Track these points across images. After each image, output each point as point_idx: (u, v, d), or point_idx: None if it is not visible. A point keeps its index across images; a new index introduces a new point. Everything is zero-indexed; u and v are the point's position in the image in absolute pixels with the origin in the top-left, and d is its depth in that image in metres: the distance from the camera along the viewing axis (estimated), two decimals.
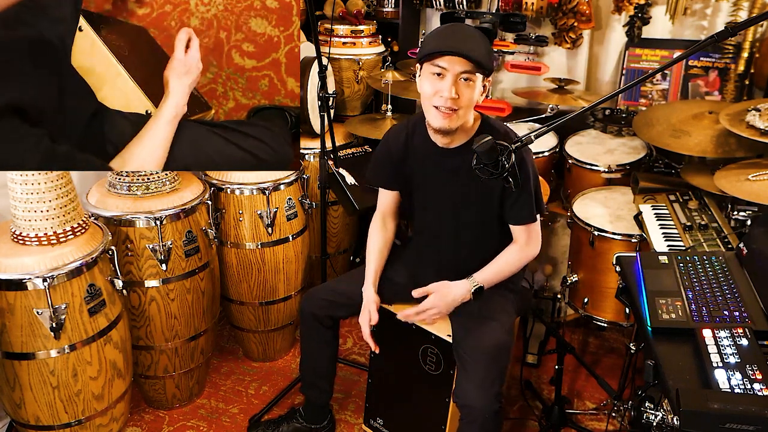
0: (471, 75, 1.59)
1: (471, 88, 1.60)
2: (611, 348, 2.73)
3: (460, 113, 1.63)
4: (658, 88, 2.73)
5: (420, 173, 1.84)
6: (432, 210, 1.87)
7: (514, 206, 1.75)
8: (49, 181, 1.72)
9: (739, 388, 1.13)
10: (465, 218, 1.82)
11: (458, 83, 1.59)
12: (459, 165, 1.74)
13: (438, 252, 1.91)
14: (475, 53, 1.57)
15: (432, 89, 1.62)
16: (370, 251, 1.96)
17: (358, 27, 2.92)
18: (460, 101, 1.60)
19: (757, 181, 1.89)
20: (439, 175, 1.79)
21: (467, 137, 1.74)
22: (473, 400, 1.64)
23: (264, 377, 2.55)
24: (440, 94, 1.60)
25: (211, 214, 2.28)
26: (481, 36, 1.64)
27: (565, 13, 2.75)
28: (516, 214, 1.77)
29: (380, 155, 1.93)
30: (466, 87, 1.60)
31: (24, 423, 1.84)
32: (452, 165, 1.76)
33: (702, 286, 1.46)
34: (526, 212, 1.76)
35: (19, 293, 1.69)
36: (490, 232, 1.83)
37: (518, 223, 1.78)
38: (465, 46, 1.57)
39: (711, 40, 1.35)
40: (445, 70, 1.58)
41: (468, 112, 1.66)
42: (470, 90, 1.61)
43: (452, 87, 1.58)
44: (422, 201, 1.89)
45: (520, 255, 1.82)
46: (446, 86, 1.59)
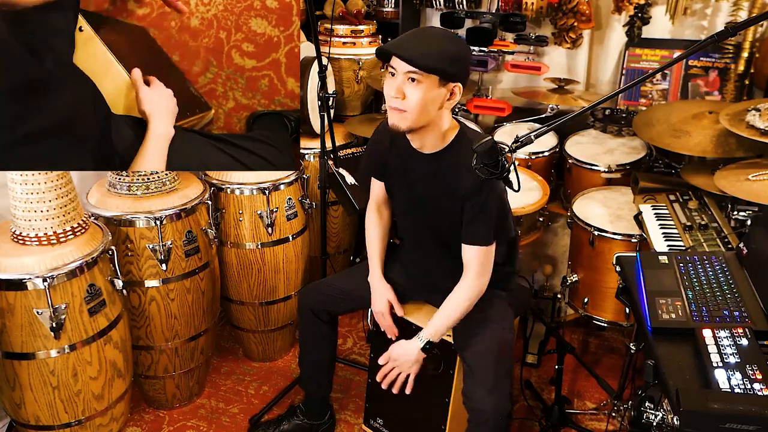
0: (418, 76, 1.55)
1: (419, 89, 1.56)
2: (611, 348, 2.73)
3: (408, 115, 1.59)
4: (658, 88, 2.73)
5: (399, 171, 1.83)
6: (410, 212, 1.87)
7: (470, 223, 1.69)
8: (49, 181, 1.72)
9: (739, 388, 1.13)
10: (439, 224, 1.80)
11: (406, 83, 1.58)
12: (435, 170, 1.73)
13: (423, 257, 1.92)
14: (422, 57, 1.53)
15: (386, 89, 1.62)
16: (371, 240, 1.96)
17: (358, 27, 2.92)
18: (406, 102, 1.58)
19: (757, 181, 1.89)
20: (414, 178, 1.78)
21: (441, 144, 1.71)
22: (485, 403, 1.64)
23: (264, 377, 2.55)
24: (389, 92, 1.60)
25: (211, 214, 2.28)
26: (448, 40, 1.60)
27: (565, 13, 2.75)
28: (470, 232, 1.70)
29: (371, 146, 1.95)
30: (413, 87, 1.57)
31: (24, 423, 1.84)
32: (426, 170, 1.74)
33: (702, 286, 1.46)
34: (481, 232, 1.69)
35: (19, 293, 1.69)
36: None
37: (472, 242, 1.70)
38: (411, 49, 1.54)
39: (711, 40, 1.35)
40: (395, 70, 1.58)
41: (421, 115, 1.60)
42: (417, 91, 1.56)
43: (399, 86, 1.57)
44: (402, 202, 1.89)
45: (471, 290, 1.74)
46: (393, 85, 1.58)
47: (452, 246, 1.84)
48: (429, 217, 1.81)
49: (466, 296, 1.74)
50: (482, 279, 1.74)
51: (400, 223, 1.96)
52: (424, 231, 1.85)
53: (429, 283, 1.94)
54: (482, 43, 2.80)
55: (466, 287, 1.75)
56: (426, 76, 1.56)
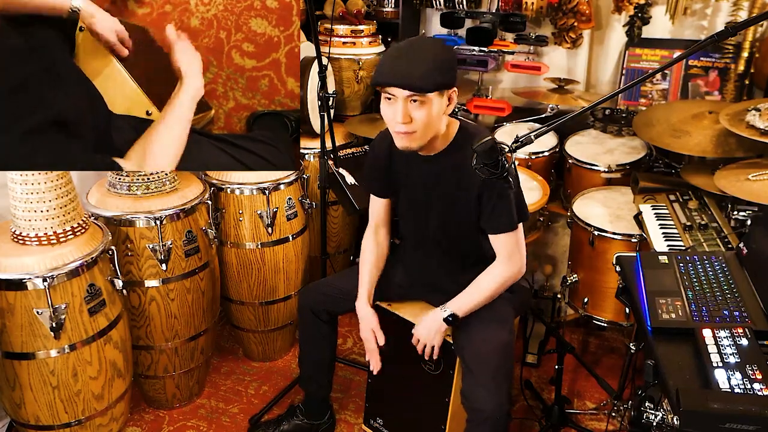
0: (420, 97, 1.55)
1: (424, 108, 1.57)
2: (611, 348, 2.73)
3: (417, 135, 1.61)
4: (658, 88, 2.73)
5: (403, 179, 1.84)
6: (415, 213, 1.87)
7: (492, 214, 1.71)
8: (49, 181, 1.72)
9: (739, 388, 1.13)
10: (446, 224, 1.80)
11: (409, 106, 1.57)
12: (439, 171, 1.74)
13: (425, 257, 1.92)
14: (421, 80, 1.53)
15: (388, 115, 1.62)
16: (364, 265, 1.96)
17: (358, 27, 2.92)
18: (413, 124, 1.59)
19: (757, 181, 1.89)
20: (420, 181, 1.79)
21: (445, 143, 1.72)
22: (485, 403, 1.64)
23: (264, 377, 2.55)
24: (394, 119, 1.59)
25: (211, 214, 2.28)
26: (437, 50, 1.59)
27: (565, 13, 2.75)
28: (494, 222, 1.72)
29: (369, 162, 1.95)
30: (418, 109, 1.57)
31: (24, 423, 1.84)
32: (432, 171, 1.75)
33: (702, 286, 1.46)
34: (505, 220, 1.71)
35: (19, 293, 1.69)
36: (471, 235, 1.81)
37: (497, 231, 1.73)
38: (407, 73, 1.53)
39: (711, 40, 1.35)
40: (394, 96, 1.57)
41: (428, 131, 1.62)
42: (423, 111, 1.57)
43: (403, 111, 1.57)
44: (406, 203, 1.89)
45: (500, 275, 1.76)
46: (397, 111, 1.57)
47: (454, 245, 1.84)
48: (435, 216, 1.81)
49: (493, 280, 1.77)
50: (512, 261, 1.76)
51: (402, 223, 1.96)
52: (427, 231, 1.85)
53: (430, 283, 1.94)
54: (482, 43, 2.80)
55: (494, 272, 1.77)
56: (426, 95, 1.56)
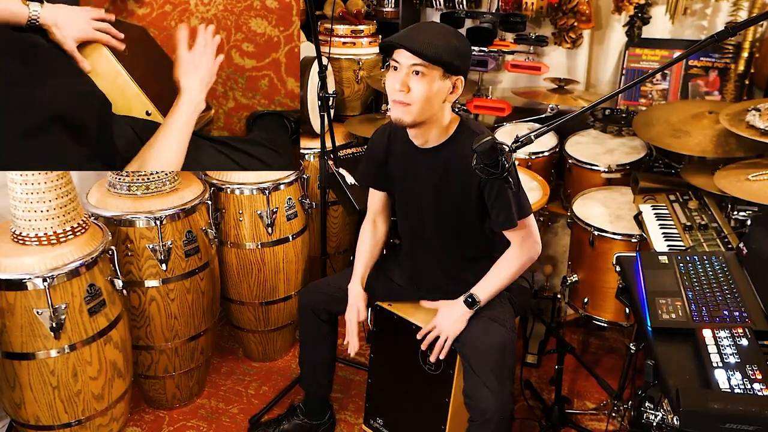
0: (423, 69, 1.56)
1: (424, 82, 1.57)
2: (611, 348, 2.73)
3: (412, 108, 1.60)
4: (658, 88, 2.73)
5: (400, 173, 1.84)
6: (412, 211, 1.87)
7: (497, 209, 1.72)
8: (49, 181, 1.72)
9: (739, 388, 1.13)
10: (444, 218, 1.81)
11: (410, 77, 1.58)
12: (435, 164, 1.74)
13: (424, 253, 1.92)
14: (428, 48, 1.54)
15: (389, 83, 1.62)
16: (359, 250, 1.98)
17: (358, 27, 2.92)
18: (411, 95, 1.59)
19: (757, 181, 1.89)
20: (416, 175, 1.79)
21: (443, 137, 1.72)
22: (489, 403, 1.63)
23: (264, 377, 2.55)
24: (394, 87, 1.60)
25: (211, 214, 2.28)
26: (450, 34, 1.61)
27: (565, 13, 2.76)
28: (496, 220, 1.74)
29: (367, 155, 1.95)
30: (418, 81, 1.58)
31: (24, 423, 1.84)
32: (429, 164, 1.75)
33: (702, 286, 1.46)
34: (503, 218, 1.72)
35: (19, 293, 1.69)
36: (470, 232, 1.82)
37: (501, 228, 1.75)
38: (418, 41, 1.55)
39: (711, 40, 1.35)
40: (399, 63, 1.59)
41: (424, 107, 1.61)
42: (422, 84, 1.57)
43: (403, 80, 1.58)
44: (403, 201, 1.89)
45: (518, 259, 1.78)
46: (398, 79, 1.59)
47: (452, 243, 1.84)
48: (434, 213, 1.81)
49: (509, 264, 1.79)
50: (525, 246, 1.77)
51: (400, 222, 1.96)
52: (426, 229, 1.85)
53: (429, 282, 1.94)
54: (482, 43, 2.80)
55: (509, 256, 1.79)
56: (431, 68, 1.57)
